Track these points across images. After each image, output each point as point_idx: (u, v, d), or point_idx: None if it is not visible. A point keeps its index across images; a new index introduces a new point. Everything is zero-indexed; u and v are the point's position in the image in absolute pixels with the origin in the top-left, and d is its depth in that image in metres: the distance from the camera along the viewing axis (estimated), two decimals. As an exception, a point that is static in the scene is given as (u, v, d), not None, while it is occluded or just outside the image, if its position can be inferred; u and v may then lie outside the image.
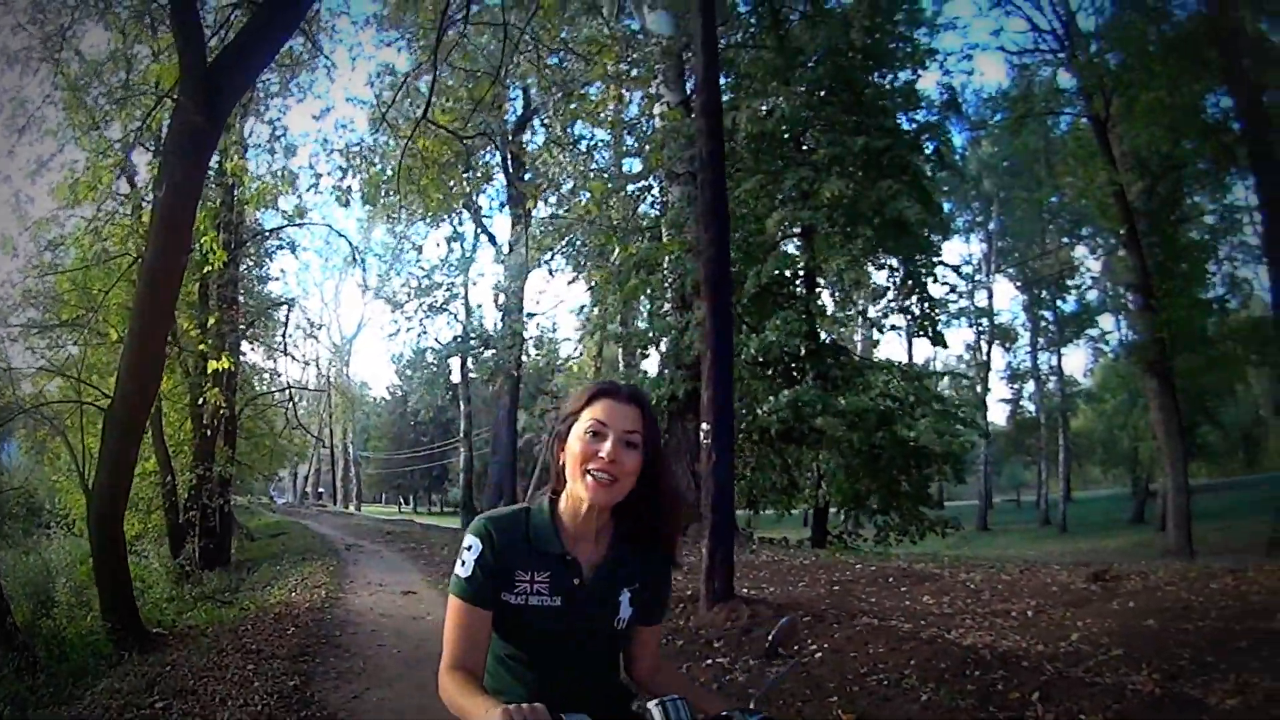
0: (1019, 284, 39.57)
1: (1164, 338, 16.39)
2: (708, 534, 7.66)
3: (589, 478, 1.77)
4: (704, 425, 7.74)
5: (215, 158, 10.74)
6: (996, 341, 40.37)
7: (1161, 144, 16.47)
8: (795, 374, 17.21)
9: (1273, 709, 4.43)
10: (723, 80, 15.68)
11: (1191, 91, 15.69)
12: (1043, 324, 39.75)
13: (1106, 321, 37.91)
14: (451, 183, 17.14)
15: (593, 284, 20.94)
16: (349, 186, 13.76)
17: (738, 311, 15.99)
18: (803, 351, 16.72)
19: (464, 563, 1.80)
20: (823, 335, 17.49)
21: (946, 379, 19.56)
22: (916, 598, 8.68)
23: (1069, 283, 36.64)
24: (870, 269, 18.93)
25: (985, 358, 40.01)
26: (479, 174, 24.69)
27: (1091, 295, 35.76)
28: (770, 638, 2.14)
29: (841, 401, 15.91)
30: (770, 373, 17.30)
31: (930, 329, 18.33)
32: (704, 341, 8.12)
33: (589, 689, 1.85)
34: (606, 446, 1.77)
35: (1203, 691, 4.74)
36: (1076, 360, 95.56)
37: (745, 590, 8.69)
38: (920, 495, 17.29)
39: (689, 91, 17.27)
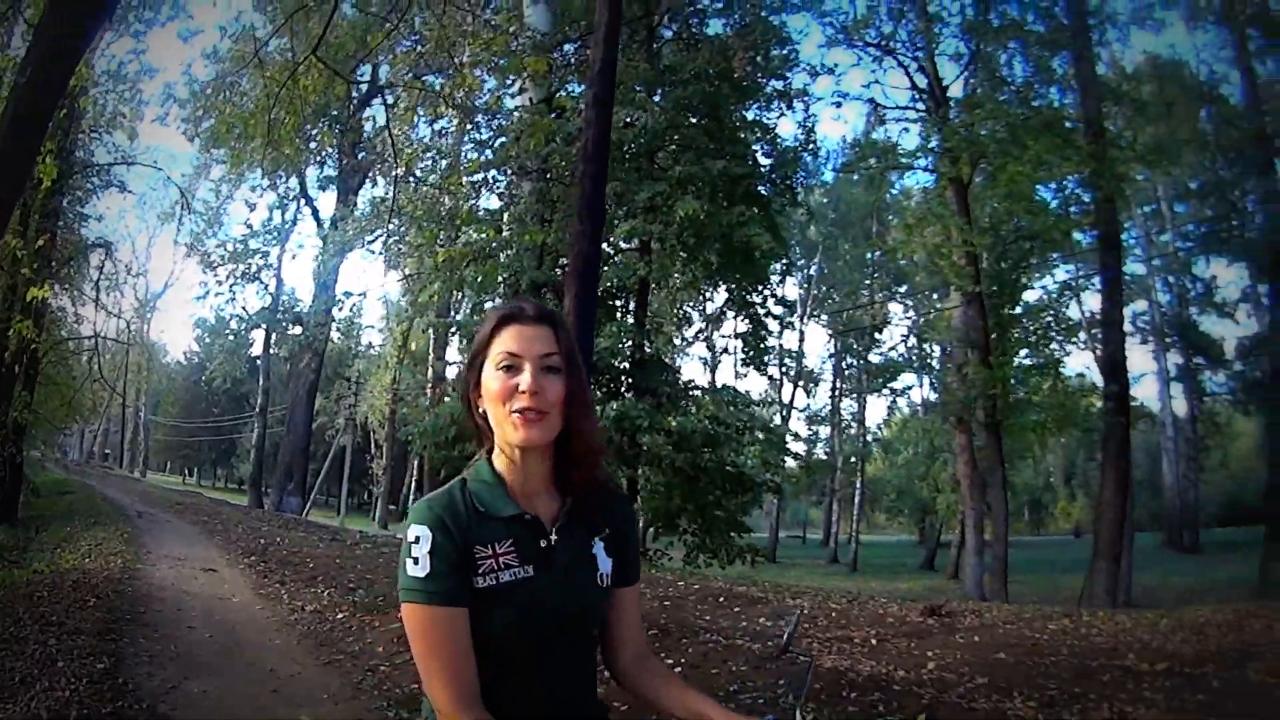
0: (830, 331, 41.41)
1: (996, 395, 17.39)
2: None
3: (514, 417, 1.60)
4: None
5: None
6: (801, 383, 42.00)
7: (1018, 214, 17.64)
8: (619, 387, 17.36)
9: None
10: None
11: (1059, 171, 16.77)
12: (848, 372, 41.77)
13: (908, 377, 40.38)
14: (312, 133, 16.47)
15: (411, 272, 20.58)
16: (199, 118, 12.94)
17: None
18: (628, 365, 16.85)
19: (416, 560, 1.54)
20: (647, 349, 17.64)
21: (761, 409, 20.49)
22: (753, 619, 8.86)
23: (879, 336, 38.79)
24: (709, 292, 19.35)
25: (790, 397, 41.60)
26: (338, 128, 24.12)
27: (899, 350, 38.38)
28: (786, 636, 2.06)
29: (671, 422, 16.12)
30: (595, 382, 17.42)
31: (758, 357, 19.02)
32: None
33: (566, 700, 1.65)
34: (525, 378, 1.60)
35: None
36: (873, 410, 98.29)
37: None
38: (734, 521, 17.73)
39: (551, 90, 17.30)
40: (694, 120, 17.22)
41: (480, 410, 1.67)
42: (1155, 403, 33.20)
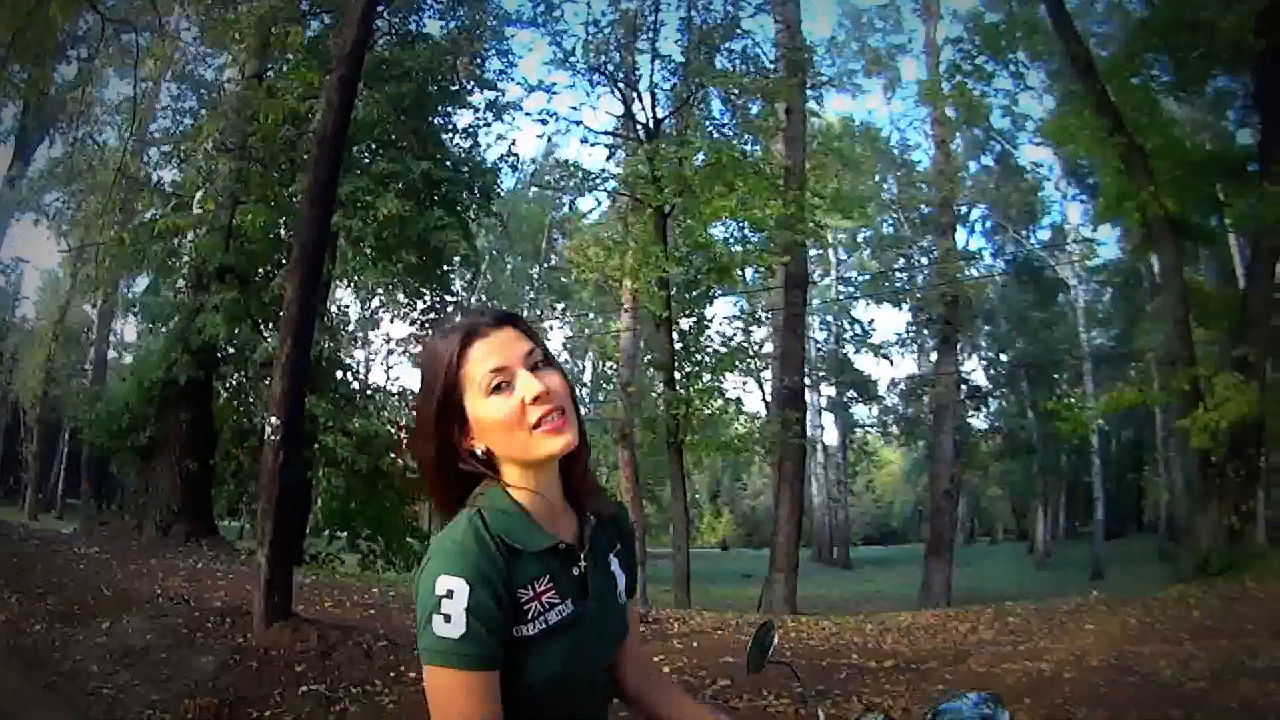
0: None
1: (678, 415, 18.19)
2: (268, 541, 6.97)
3: (537, 431, 1.38)
4: (273, 420, 7.30)
5: None
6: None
7: (713, 248, 18.77)
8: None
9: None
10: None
11: (761, 211, 17.93)
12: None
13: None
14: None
15: (77, 243, 18.88)
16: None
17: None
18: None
19: (448, 617, 1.29)
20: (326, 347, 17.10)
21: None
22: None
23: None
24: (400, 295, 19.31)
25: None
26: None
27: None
28: (769, 652, 1.98)
29: (355, 423, 15.73)
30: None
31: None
32: (286, 326, 7.61)
33: None
34: (528, 382, 1.38)
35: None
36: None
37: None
38: (410, 527, 17.92)
39: (265, 68, 16.90)
40: (401, 118, 17.04)
41: (480, 451, 1.43)
42: (808, 429, 36.48)
